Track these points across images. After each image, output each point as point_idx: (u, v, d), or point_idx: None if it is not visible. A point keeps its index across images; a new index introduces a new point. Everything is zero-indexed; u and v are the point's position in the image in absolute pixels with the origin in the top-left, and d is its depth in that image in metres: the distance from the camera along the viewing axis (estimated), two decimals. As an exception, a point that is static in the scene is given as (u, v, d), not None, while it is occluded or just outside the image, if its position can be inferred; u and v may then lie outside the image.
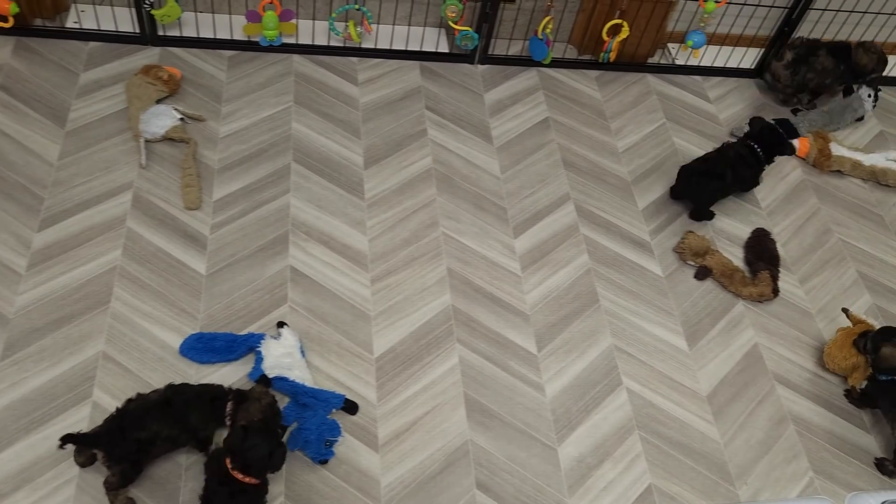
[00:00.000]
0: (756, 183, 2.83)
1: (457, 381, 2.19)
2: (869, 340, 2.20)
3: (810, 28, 3.33)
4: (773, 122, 2.74)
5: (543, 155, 2.86)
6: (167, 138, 2.58)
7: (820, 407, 2.32)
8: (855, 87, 3.26)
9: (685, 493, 2.08)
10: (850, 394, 2.33)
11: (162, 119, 2.58)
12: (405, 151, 2.76)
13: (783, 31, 3.22)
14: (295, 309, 2.26)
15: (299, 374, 2.04)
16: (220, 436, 1.85)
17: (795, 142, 2.89)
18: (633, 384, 2.27)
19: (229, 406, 1.84)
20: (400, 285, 2.37)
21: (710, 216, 2.77)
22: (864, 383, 2.29)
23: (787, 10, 3.16)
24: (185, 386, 1.88)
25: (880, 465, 2.21)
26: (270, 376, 1.99)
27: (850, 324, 2.42)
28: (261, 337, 2.11)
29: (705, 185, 2.70)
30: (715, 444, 2.19)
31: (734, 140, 2.86)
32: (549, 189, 2.75)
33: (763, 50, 3.33)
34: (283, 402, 2.02)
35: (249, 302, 2.25)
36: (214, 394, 1.85)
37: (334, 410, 2.04)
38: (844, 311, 2.47)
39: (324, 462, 1.95)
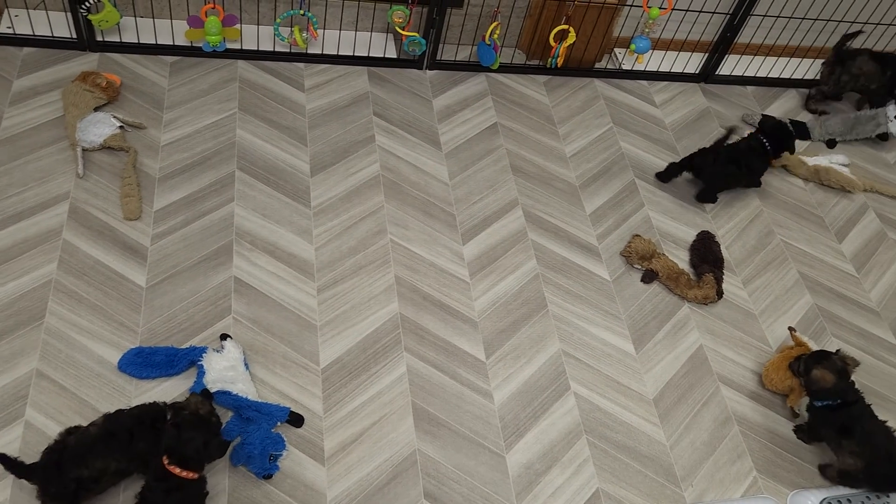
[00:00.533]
0: (761, 174, 2.97)
1: (404, 391, 2.17)
2: (802, 363, 2.22)
3: (751, 33, 3.40)
4: (788, 121, 2.96)
5: (492, 160, 2.87)
6: (106, 147, 2.52)
7: (763, 406, 2.36)
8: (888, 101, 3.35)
9: (632, 497, 2.09)
10: (800, 429, 2.33)
11: (100, 127, 2.51)
12: (352, 158, 2.74)
13: (726, 36, 3.28)
14: (239, 320, 2.22)
15: (242, 388, 2.00)
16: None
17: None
18: (581, 389, 2.29)
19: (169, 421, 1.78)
20: (347, 294, 2.35)
21: (715, 199, 2.92)
22: (807, 416, 2.28)
23: (728, 15, 3.22)
24: (120, 413, 1.80)
25: (822, 470, 2.25)
26: (213, 390, 1.95)
27: (793, 343, 2.44)
28: (203, 350, 2.06)
29: (725, 169, 2.83)
30: (661, 446, 2.21)
31: (747, 127, 3.07)
32: (497, 195, 2.75)
33: (706, 55, 3.39)
34: (225, 416, 1.98)
35: (192, 314, 2.20)
36: (154, 416, 1.79)
37: (279, 424, 2.00)
38: (790, 329, 2.49)
39: (268, 477, 1.92)
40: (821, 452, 2.29)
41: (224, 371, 2.01)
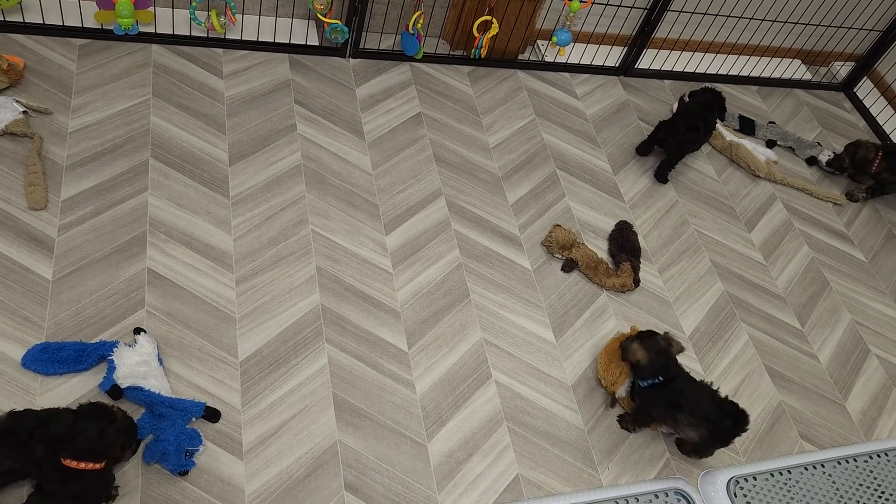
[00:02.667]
0: (711, 133, 3.19)
1: (325, 382, 2.15)
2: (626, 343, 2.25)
3: (668, 28, 3.50)
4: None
5: (416, 150, 2.86)
6: (8, 133, 2.39)
7: (676, 390, 2.45)
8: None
9: (551, 481, 2.14)
10: (622, 418, 2.33)
11: (1, 112, 2.39)
12: (273, 147, 2.68)
13: (643, 30, 3.36)
14: (153, 313, 2.15)
15: (155, 384, 1.94)
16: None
17: None
18: (502, 377, 2.32)
19: None
20: (266, 286, 2.31)
21: (666, 180, 3.10)
22: (629, 401, 2.31)
23: (646, 10, 3.30)
24: (27, 413, 1.70)
25: (679, 447, 2.30)
26: (123, 386, 1.89)
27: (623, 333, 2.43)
28: (113, 345, 1.99)
29: (687, 136, 2.99)
30: (579, 431, 2.27)
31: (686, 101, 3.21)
32: (421, 185, 2.75)
33: (626, 49, 3.47)
34: (137, 413, 1.92)
35: (102, 308, 2.12)
36: (35, 424, 1.68)
37: (194, 419, 1.96)
38: (633, 329, 2.45)
39: (184, 473, 1.87)
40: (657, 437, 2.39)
41: (136, 366, 1.95)
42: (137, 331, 2.07)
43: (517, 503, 1.89)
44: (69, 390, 1.94)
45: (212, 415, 1.98)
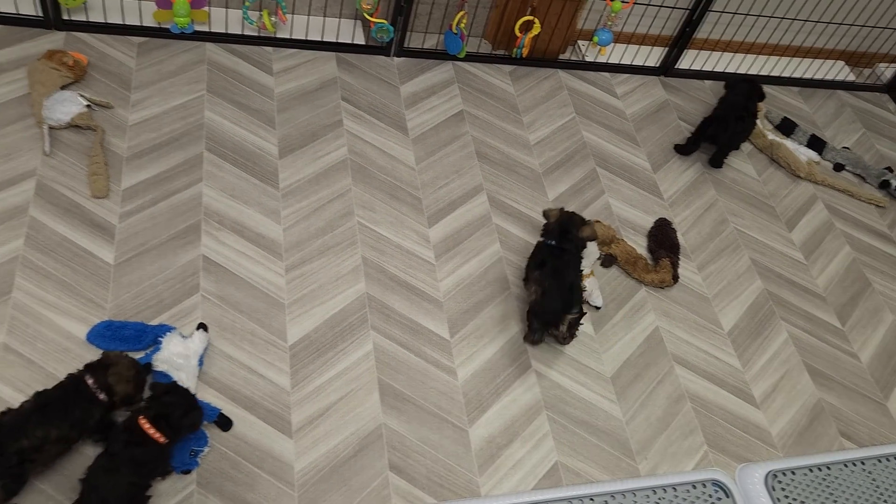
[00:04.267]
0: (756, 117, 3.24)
1: (371, 367, 2.23)
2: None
3: (710, 29, 3.51)
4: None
5: (458, 147, 2.93)
6: (73, 125, 2.51)
7: (714, 385, 2.47)
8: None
9: (589, 469, 2.18)
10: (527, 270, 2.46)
11: (67, 105, 2.51)
12: (321, 142, 2.77)
13: (685, 31, 3.38)
14: (207, 298, 2.25)
15: (185, 379, 1.98)
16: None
17: None
18: (542, 367, 2.37)
19: (90, 381, 1.78)
20: (314, 274, 2.39)
21: (721, 164, 3.19)
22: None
23: (688, 11, 3.33)
24: (48, 390, 1.79)
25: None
26: (156, 369, 1.98)
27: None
28: (169, 329, 2.08)
29: (737, 127, 3.08)
30: (617, 421, 2.30)
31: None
32: (462, 180, 2.82)
33: (666, 49, 3.50)
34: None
35: (160, 291, 2.22)
36: (76, 383, 1.79)
37: (206, 423, 1.98)
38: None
39: (186, 472, 1.90)
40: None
41: (175, 356, 2.01)
42: (200, 326, 2.15)
43: (557, 489, 1.94)
44: (130, 368, 2.04)
45: (224, 423, 1.99)
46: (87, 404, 1.78)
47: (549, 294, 2.27)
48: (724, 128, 3.08)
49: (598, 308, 2.55)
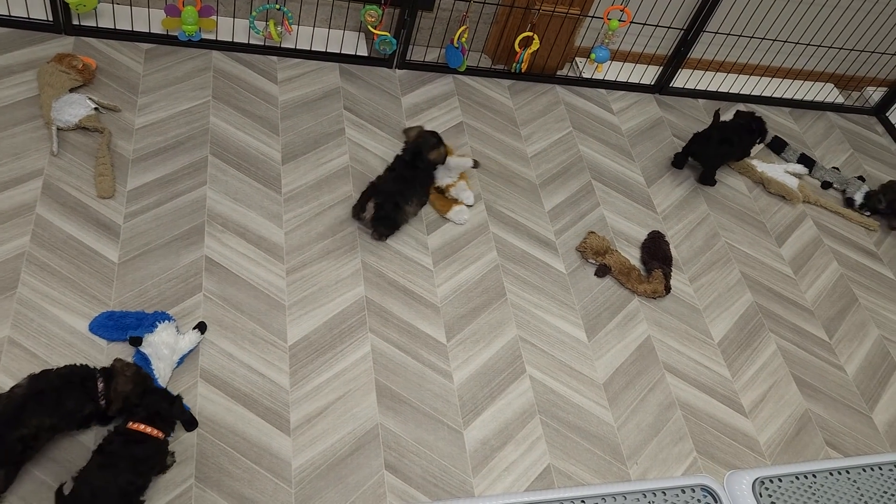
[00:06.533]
0: (750, 148, 3.31)
1: (368, 369, 2.27)
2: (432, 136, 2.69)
3: (704, 49, 3.60)
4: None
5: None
6: (80, 127, 2.57)
7: (704, 394, 2.52)
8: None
9: (581, 472, 2.22)
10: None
11: (75, 107, 2.56)
12: (323, 149, 2.83)
13: (680, 50, 3.47)
14: (209, 297, 2.29)
15: (161, 369, 2.03)
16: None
17: None
18: (536, 372, 2.41)
19: (101, 385, 1.82)
20: (315, 277, 2.44)
21: (714, 182, 3.26)
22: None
23: (682, 31, 3.42)
24: (46, 373, 1.82)
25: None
26: (142, 349, 2.04)
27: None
28: (168, 318, 2.13)
29: (719, 149, 3.17)
30: (609, 427, 2.35)
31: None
32: (461, 189, 2.87)
33: (661, 68, 3.58)
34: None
35: (163, 290, 2.26)
36: (83, 375, 1.83)
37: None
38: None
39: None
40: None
41: (163, 346, 2.06)
42: (199, 326, 2.19)
43: (548, 490, 1.98)
44: (125, 356, 2.07)
45: (189, 422, 1.92)
46: (84, 400, 1.80)
47: (385, 183, 2.57)
48: (705, 145, 3.16)
49: (469, 206, 2.78)
